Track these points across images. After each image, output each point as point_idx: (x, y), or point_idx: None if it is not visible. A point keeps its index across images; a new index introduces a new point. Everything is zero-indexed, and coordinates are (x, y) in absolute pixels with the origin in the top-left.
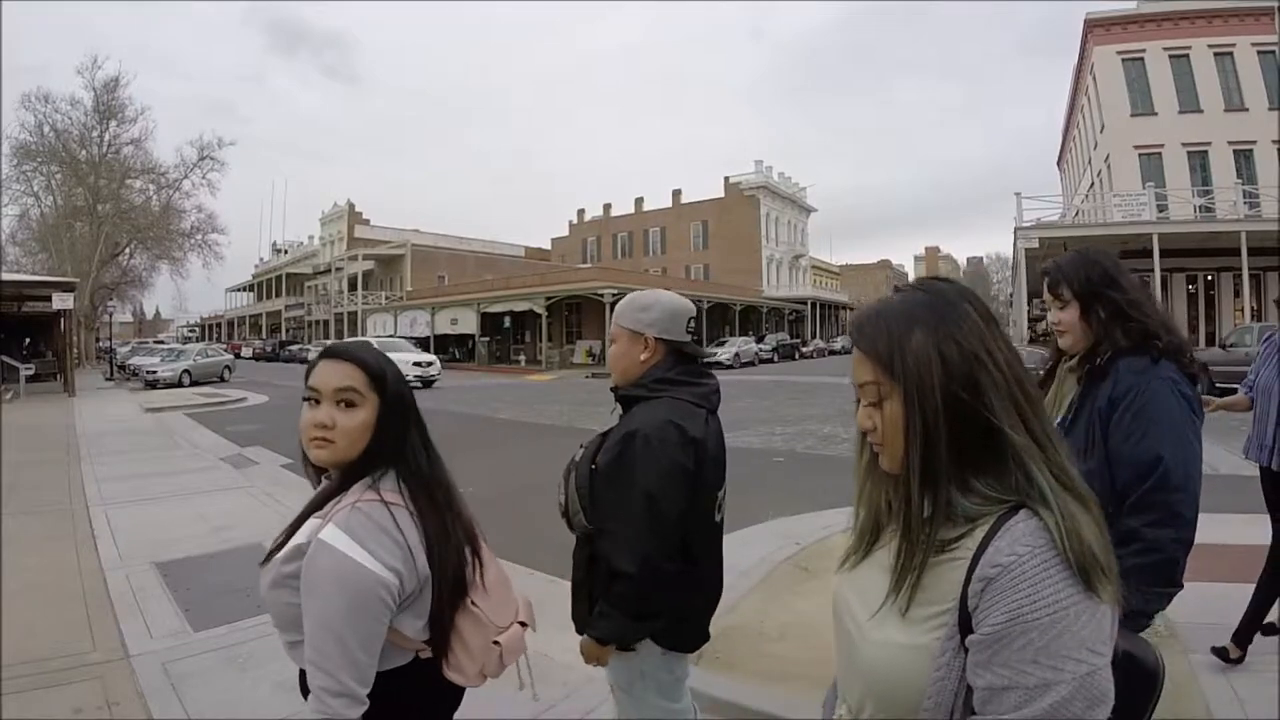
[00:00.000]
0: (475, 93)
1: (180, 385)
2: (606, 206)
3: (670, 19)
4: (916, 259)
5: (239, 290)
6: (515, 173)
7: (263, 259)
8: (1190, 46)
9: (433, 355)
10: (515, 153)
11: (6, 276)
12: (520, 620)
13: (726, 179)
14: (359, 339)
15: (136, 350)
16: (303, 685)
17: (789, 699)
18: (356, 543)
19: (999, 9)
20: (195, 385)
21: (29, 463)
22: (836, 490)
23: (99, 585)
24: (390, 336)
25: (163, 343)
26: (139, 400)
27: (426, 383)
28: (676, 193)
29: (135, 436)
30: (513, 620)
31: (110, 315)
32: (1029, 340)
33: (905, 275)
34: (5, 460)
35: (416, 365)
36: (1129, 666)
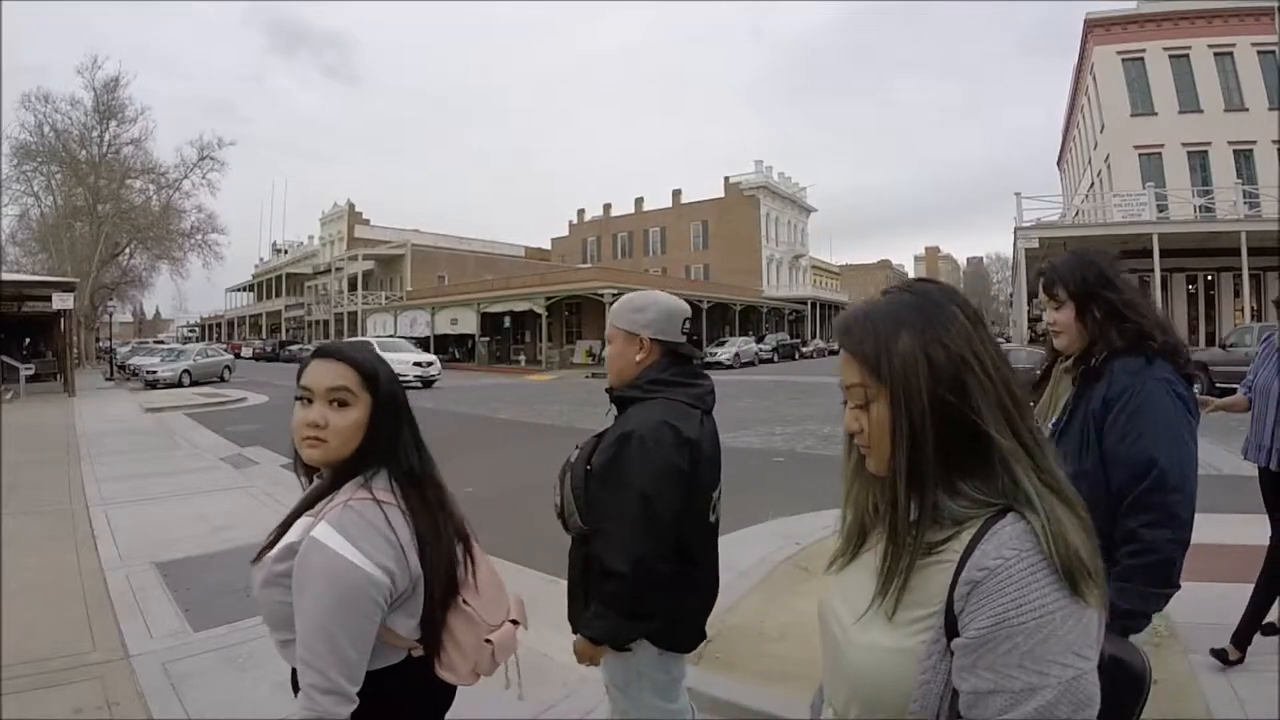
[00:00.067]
0: (475, 93)
1: (180, 385)
2: (606, 206)
3: (670, 19)
4: (916, 259)
5: (239, 290)
6: (515, 173)
7: (263, 259)
8: (1190, 46)
9: (433, 355)
10: (515, 153)
11: (6, 276)
12: (512, 618)
13: (726, 179)
14: (359, 339)
15: (136, 350)
16: (294, 684)
17: (789, 699)
18: (349, 541)
19: (999, 9)
20: (195, 385)
21: (29, 463)
22: (836, 490)
23: (99, 585)
24: (390, 336)
25: (163, 343)
26: (139, 400)
27: (427, 383)
28: (676, 193)
29: (135, 436)
30: (505, 618)
31: (110, 315)
32: (1029, 340)
33: (905, 275)
34: (5, 460)
35: (417, 365)
36: (1116, 670)
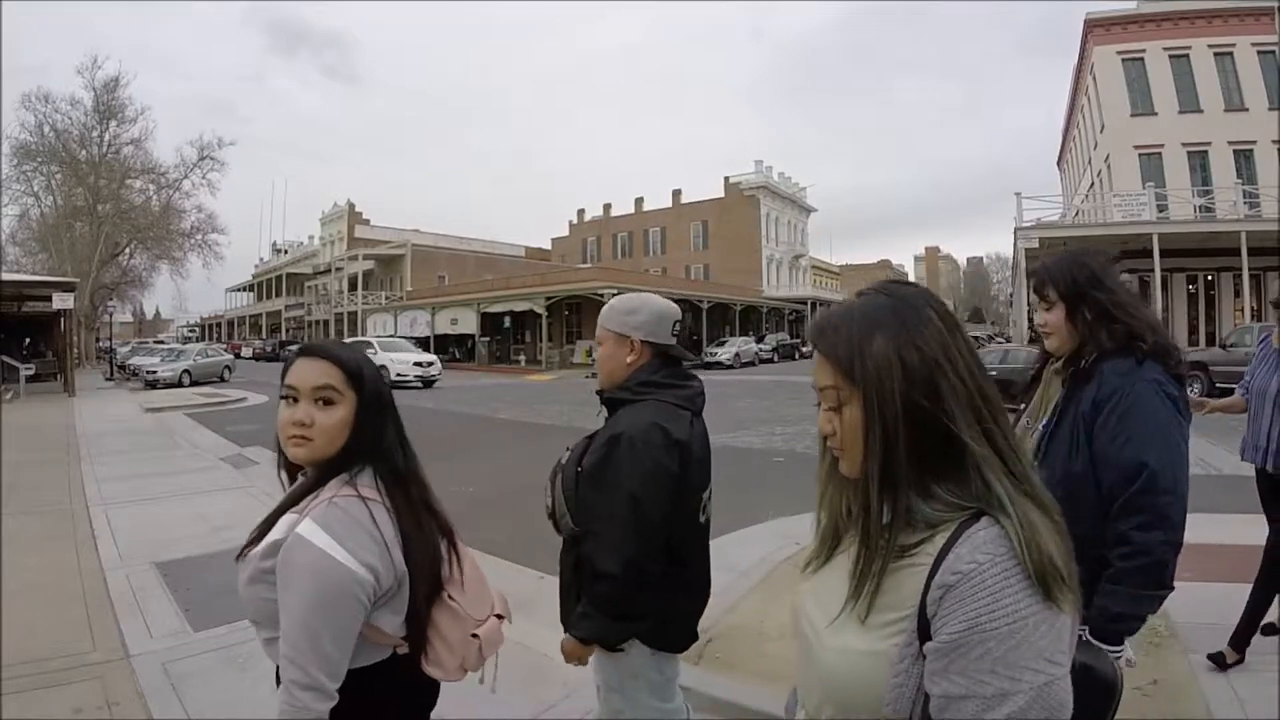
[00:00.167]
0: (475, 93)
1: (180, 385)
2: (606, 206)
3: (670, 19)
4: (916, 259)
5: (239, 290)
6: (515, 173)
7: (263, 259)
8: (1190, 46)
9: (433, 355)
10: (515, 153)
11: (6, 276)
12: (496, 613)
13: (726, 179)
14: (360, 339)
15: (136, 350)
16: (279, 681)
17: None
18: (333, 538)
19: (999, 9)
20: (195, 385)
21: (29, 463)
22: None
23: (99, 585)
24: (390, 336)
25: (163, 343)
26: (139, 400)
27: (427, 383)
28: (676, 193)
29: (135, 436)
30: (490, 613)
31: (110, 315)
32: (1029, 340)
33: (905, 275)
34: (5, 460)
35: (417, 365)
36: (1086, 678)
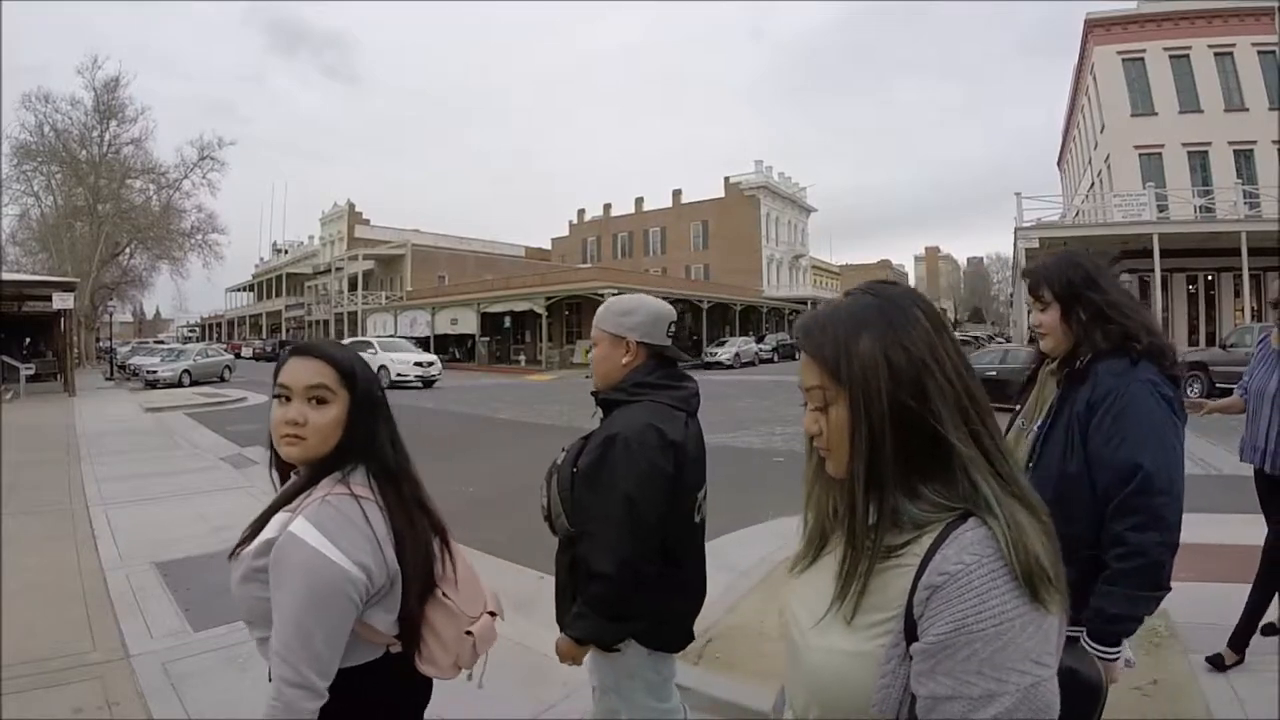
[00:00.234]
0: (475, 93)
1: (180, 385)
2: (606, 206)
3: (670, 19)
4: (916, 259)
5: (239, 290)
6: (515, 173)
7: (263, 259)
8: (1190, 46)
9: (433, 355)
10: (515, 153)
11: (6, 276)
12: (489, 610)
13: (726, 179)
14: (360, 338)
15: (136, 350)
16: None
17: None
18: (326, 537)
19: (999, 9)
20: (195, 385)
21: (29, 463)
22: None
23: (99, 585)
24: (390, 336)
25: (163, 343)
26: (139, 400)
27: (427, 382)
28: (676, 193)
29: (135, 436)
30: (483, 611)
31: (110, 315)
32: (1029, 341)
33: (905, 275)
34: (5, 460)
35: (417, 365)
36: (1071, 682)
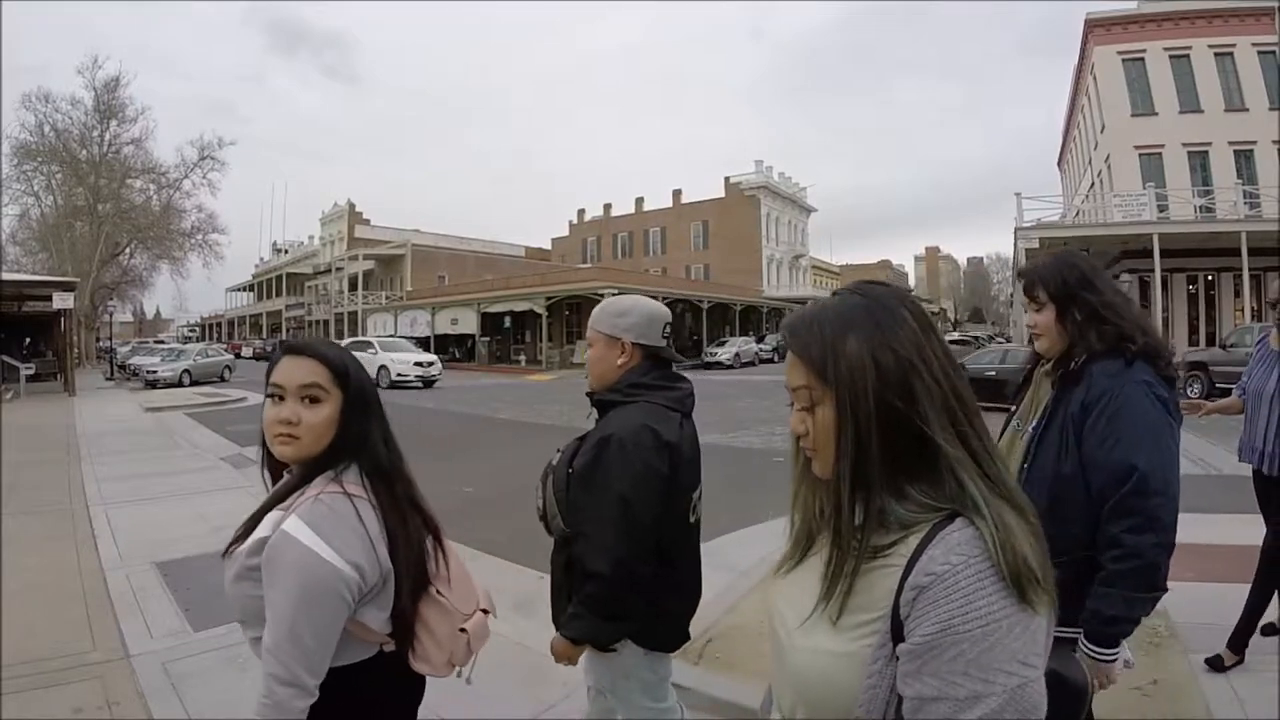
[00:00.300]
0: (475, 93)
1: (180, 385)
2: (606, 206)
3: (670, 19)
4: (916, 259)
5: (239, 290)
6: (515, 173)
7: (263, 259)
8: (1190, 46)
9: (433, 355)
10: (515, 153)
11: (6, 276)
12: (482, 608)
13: (726, 179)
14: (360, 338)
15: (137, 350)
16: None
17: None
18: (319, 536)
19: (999, 9)
20: (195, 385)
21: (29, 463)
22: None
23: (99, 585)
24: (391, 336)
25: (163, 342)
26: (139, 400)
27: (427, 382)
28: (676, 193)
29: (135, 436)
30: (476, 608)
31: (110, 315)
32: (1029, 341)
33: (905, 275)
34: (5, 460)
35: (418, 365)
36: (1055, 685)
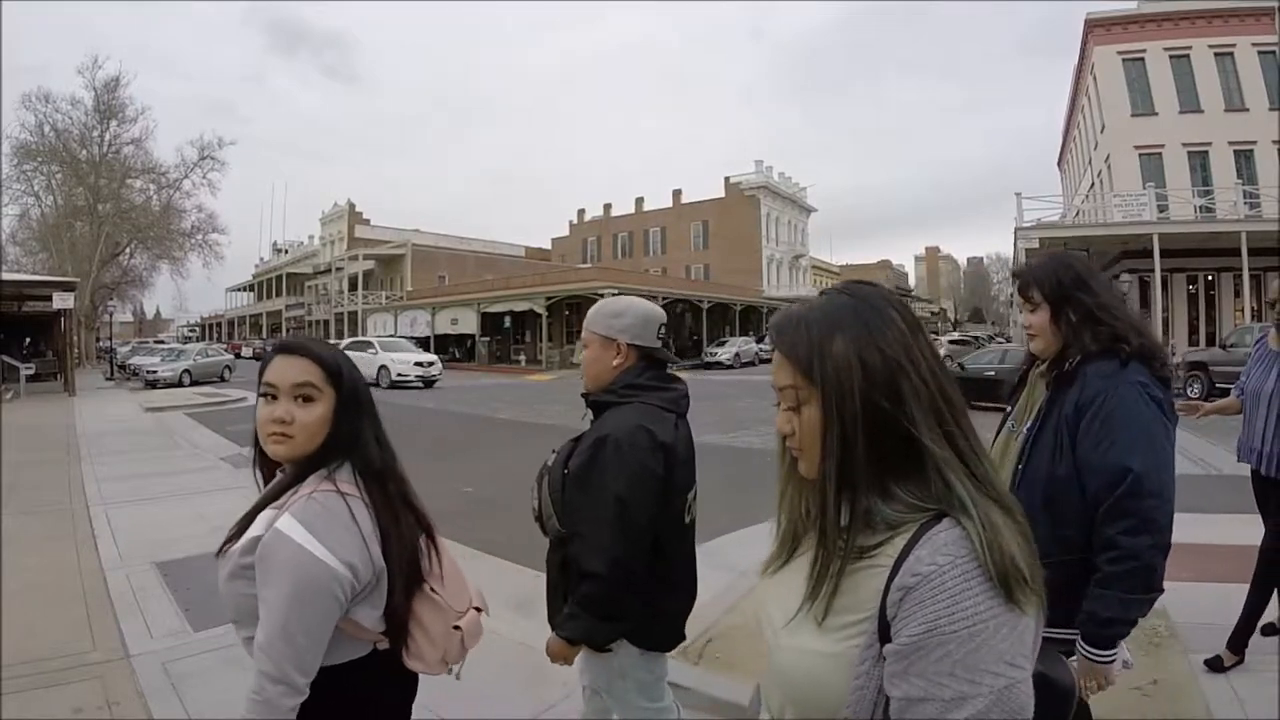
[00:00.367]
0: (475, 92)
1: (180, 385)
2: (606, 206)
3: (670, 19)
4: (916, 259)
5: (239, 290)
6: (515, 173)
7: (263, 259)
8: (1190, 46)
9: (433, 355)
10: (515, 153)
11: (6, 276)
12: (475, 605)
13: (727, 179)
14: (359, 338)
15: (137, 350)
16: None
17: None
18: (312, 534)
19: (999, 9)
20: (195, 385)
21: (29, 463)
22: None
23: (99, 585)
24: (391, 336)
25: (163, 342)
26: (139, 400)
27: (428, 382)
28: (676, 193)
29: (135, 436)
30: (469, 606)
31: (110, 315)
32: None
33: (905, 275)
34: (5, 460)
35: (418, 365)
36: (1041, 687)
